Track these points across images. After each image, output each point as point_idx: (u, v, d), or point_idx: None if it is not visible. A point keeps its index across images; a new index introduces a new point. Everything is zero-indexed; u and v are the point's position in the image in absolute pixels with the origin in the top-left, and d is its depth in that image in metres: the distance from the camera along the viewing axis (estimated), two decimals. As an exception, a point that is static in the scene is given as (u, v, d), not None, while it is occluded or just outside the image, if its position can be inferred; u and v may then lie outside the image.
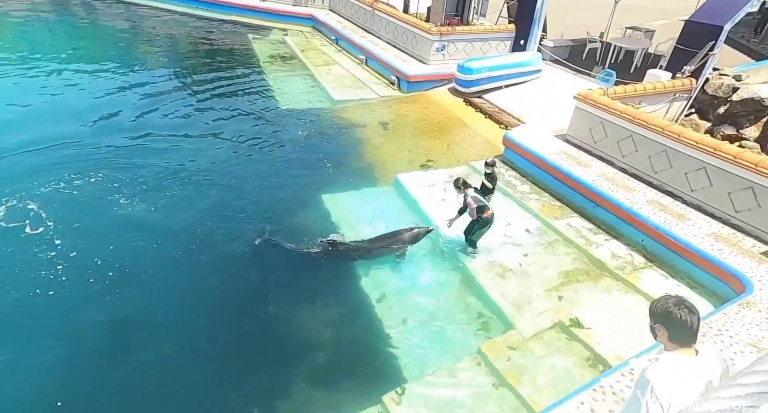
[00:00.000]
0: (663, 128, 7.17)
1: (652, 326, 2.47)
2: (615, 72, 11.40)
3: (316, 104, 12.35)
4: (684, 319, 2.32)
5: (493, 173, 7.29)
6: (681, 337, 2.36)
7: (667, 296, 2.46)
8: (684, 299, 2.42)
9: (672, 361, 2.36)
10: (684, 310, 2.34)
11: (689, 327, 2.33)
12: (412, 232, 6.82)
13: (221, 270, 6.47)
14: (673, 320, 2.35)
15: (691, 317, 2.33)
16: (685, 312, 2.33)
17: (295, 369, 5.22)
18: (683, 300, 2.40)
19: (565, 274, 6.40)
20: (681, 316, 2.32)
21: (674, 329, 2.37)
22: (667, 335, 2.40)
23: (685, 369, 2.30)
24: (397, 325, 5.71)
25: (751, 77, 10.20)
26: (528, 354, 5.14)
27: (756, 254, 5.88)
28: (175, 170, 8.67)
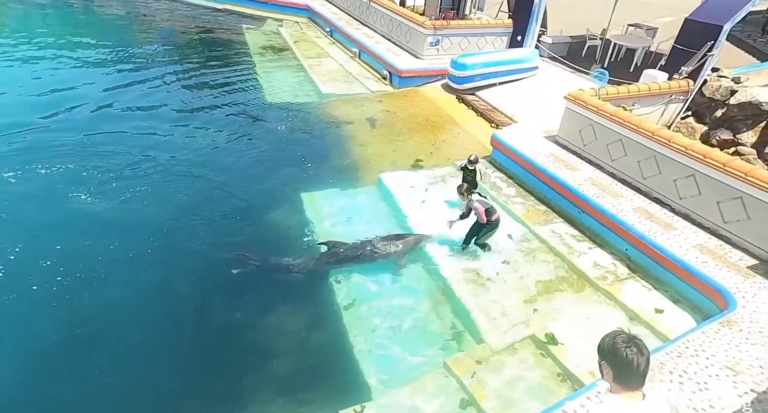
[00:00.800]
0: (653, 133, 6.87)
1: (599, 362, 2.24)
2: (608, 71, 11.06)
3: (303, 97, 12.05)
4: (630, 359, 2.08)
5: (476, 170, 7.20)
6: (626, 378, 2.14)
7: (616, 332, 2.21)
8: (634, 337, 2.17)
9: (614, 406, 2.14)
10: (632, 349, 2.09)
11: (635, 368, 2.09)
12: (415, 237, 6.71)
13: (186, 272, 6.25)
14: (618, 359, 2.11)
15: (638, 357, 2.08)
16: (632, 350, 2.09)
17: (256, 378, 5.04)
18: (633, 338, 2.16)
19: (545, 284, 6.15)
20: (627, 355, 2.08)
21: (619, 369, 2.13)
22: (612, 375, 2.17)
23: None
24: (364, 334, 5.49)
25: (752, 79, 9.86)
26: (497, 368, 4.91)
27: (742, 269, 5.62)
28: (145, 161, 8.39)
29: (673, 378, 4.14)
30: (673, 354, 4.40)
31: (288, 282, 6.24)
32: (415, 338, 5.45)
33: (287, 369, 5.13)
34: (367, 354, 5.26)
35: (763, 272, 5.56)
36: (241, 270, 6.24)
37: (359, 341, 5.40)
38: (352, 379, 4.97)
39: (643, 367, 2.10)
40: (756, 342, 4.56)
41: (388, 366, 5.10)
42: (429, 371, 5.00)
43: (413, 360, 5.18)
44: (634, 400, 2.13)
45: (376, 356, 5.22)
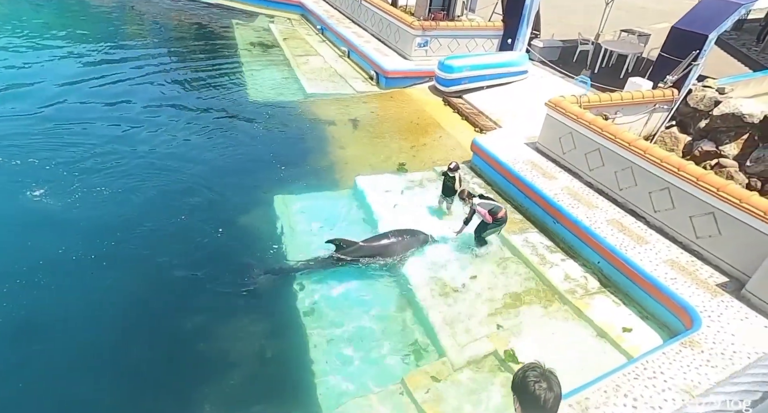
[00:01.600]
0: (629, 143, 6.74)
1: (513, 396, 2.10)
2: (589, 78, 10.94)
3: (287, 96, 11.87)
4: (538, 395, 1.94)
5: (456, 177, 7.21)
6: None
7: (531, 365, 2.05)
8: (549, 372, 2.03)
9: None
10: (541, 385, 1.95)
11: (542, 404, 1.95)
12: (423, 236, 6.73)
13: (141, 276, 6.05)
14: (526, 394, 1.97)
15: (546, 394, 1.94)
16: (541, 386, 1.95)
17: (205, 388, 4.89)
18: (547, 373, 2.01)
19: (513, 296, 6.02)
20: (535, 391, 1.95)
21: (526, 404, 2.00)
22: (520, 410, 2.04)
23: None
24: (323, 344, 5.36)
25: (739, 90, 9.74)
26: (454, 385, 4.79)
27: (711, 286, 5.50)
28: (107, 155, 8.18)
29: (627, 401, 4.02)
30: (630, 376, 4.28)
31: (250, 288, 6.07)
32: (375, 350, 5.32)
33: (239, 380, 4.98)
34: (323, 365, 5.13)
35: (732, 290, 5.45)
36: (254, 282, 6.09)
37: (317, 351, 5.26)
38: (304, 393, 4.83)
39: (551, 405, 1.95)
40: (716, 364, 4.44)
41: (344, 379, 4.97)
42: (385, 386, 4.86)
43: (370, 374, 5.04)
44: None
45: (333, 368, 5.09)
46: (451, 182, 7.37)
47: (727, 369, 4.39)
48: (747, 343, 4.71)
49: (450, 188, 7.41)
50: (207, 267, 6.29)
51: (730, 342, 4.71)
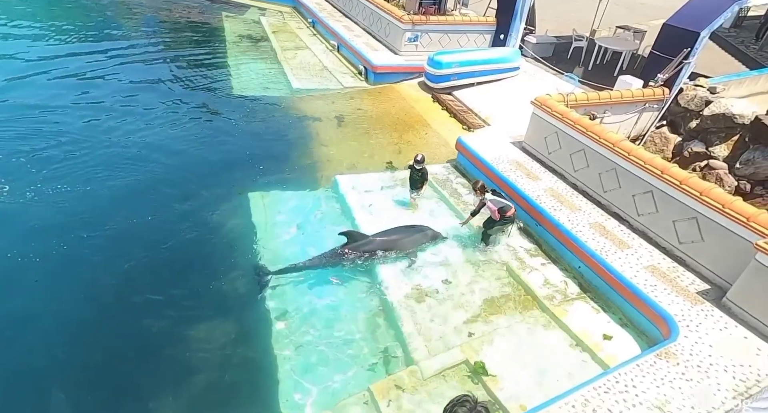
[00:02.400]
0: (614, 144, 6.54)
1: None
2: (576, 76, 10.70)
3: (272, 91, 11.63)
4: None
5: (423, 170, 7.20)
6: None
7: (462, 399, 1.95)
8: (480, 406, 1.92)
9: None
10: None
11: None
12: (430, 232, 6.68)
13: (105, 276, 5.85)
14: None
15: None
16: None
17: (167, 396, 4.71)
18: (478, 408, 1.91)
19: (489, 302, 5.84)
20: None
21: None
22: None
23: None
24: (290, 350, 5.18)
25: (732, 89, 9.52)
26: (421, 396, 4.61)
27: (692, 294, 5.32)
28: (76, 147, 7.93)
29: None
30: (601, 390, 4.11)
31: (220, 290, 5.89)
32: (344, 358, 5.14)
33: (201, 387, 4.82)
34: (290, 372, 4.95)
35: (713, 298, 5.27)
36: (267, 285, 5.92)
37: (284, 358, 5.08)
38: (269, 401, 4.65)
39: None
40: (692, 378, 4.27)
41: (310, 387, 4.79)
42: (351, 395, 4.69)
43: (337, 383, 4.87)
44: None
45: (299, 375, 4.91)
46: (417, 175, 7.32)
47: (702, 382, 4.22)
48: (725, 355, 4.54)
49: (417, 180, 7.37)
50: (175, 268, 6.12)
51: (707, 354, 4.54)
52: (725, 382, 4.23)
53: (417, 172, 7.23)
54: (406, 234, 6.51)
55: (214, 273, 6.10)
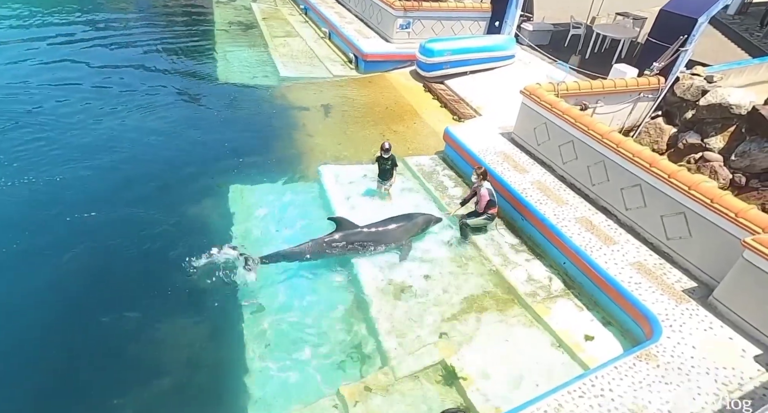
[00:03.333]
0: (602, 135, 6.29)
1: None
2: (567, 64, 10.38)
3: (259, 80, 11.36)
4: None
5: (391, 158, 7.01)
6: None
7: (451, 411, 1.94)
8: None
9: None
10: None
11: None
12: (423, 217, 6.57)
13: (73, 271, 5.67)
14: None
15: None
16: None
17: (130, 395, 4.55)
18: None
19: (469, 300, 5.66)
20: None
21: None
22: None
23: None
24: (260, 349, 5.02)
25: (732, 78, 9.22)
26: (393, 398, 4.46)
27: (677, 292, 5.13)
28: (45, 133, 7.68)
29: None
30: (576, 394, 3.94)
31: (193, 286, 5.71)
32: (317, 358, 4.97)
33: (168, 386, 4.66)
34: (258, 373, 4.80)
35: (699, 297, 5.08)
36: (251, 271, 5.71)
37: (252, 358, 4.93)
38: (234, 404, 4.50)
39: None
40: (671, 381, 4.10)
41: (279, 388, 4.64)
42: (321, 397, 4.54)
43: (308, 383, 4.71)
44: None
45: (269, 376, 4.76)
46: (385, 165, 7.08)
47: (682, 386, 4.05)
48: (708, 357, 4.36)
49: (387, 170, 7.12)
50: (147, 264, 5.93)
51: (689, 356, 4.36)
52: (706, 386, 4.06)
53: (386, 161, 6.98)
54: (396, 225, 6.31)
55: (187, 269, 5.91)
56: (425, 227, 6.62)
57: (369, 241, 6.12)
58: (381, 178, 7.26)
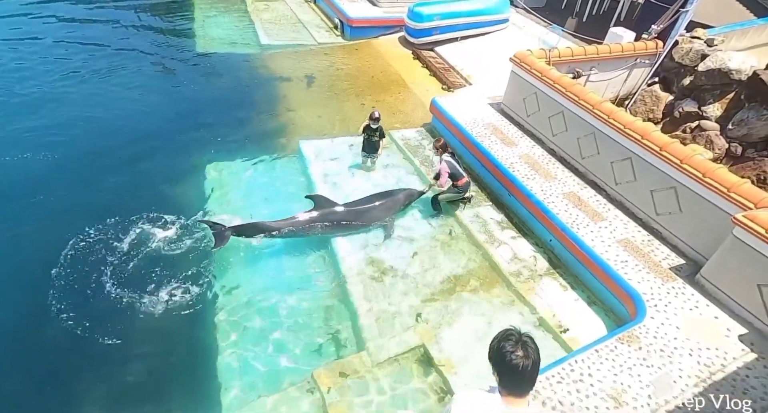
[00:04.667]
0: (593, 106, 5.97)
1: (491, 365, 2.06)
2: (560, 27, 9.85)
3: (239, 48, 10.81)
4: (515, 364, 1.91)
5: (380, 129, 6.67)
6: (509, 383, 1.98)
7: (507, 333, 1.99)
8: (524, 337, 1.98)
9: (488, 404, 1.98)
10: (517, 353, 1.91)
11: (519, 373, 1.92)
12: (404, 192, 6.31)
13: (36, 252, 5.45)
14: (503, 363, 1.94)
15: (524, 362, 1.90)
16: (518, 355, 1.91)
17: (97, 384, 4.41)
18: (522, 339, 1.96)
19: (452, 280, 5.50)
20: (512, 360, 1.91)
21: (503, 373, 1.97)
22: (498, 379, 2.00)
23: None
24: (236, 332, 4.89)
25: (734, 41, 8.75)
26: (368, 382, 4.36)
27: (664, 270, 4.97)
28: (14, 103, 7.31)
29: (545, 410, 3.60)
30: (554, 380, 3.84)
31: (165, 267, 5.50)
32: (293, 341, 4.85)
33: (136, 374, 4.51)
34: (232, 356, 4.67)
35: (687, 274, 4.93)
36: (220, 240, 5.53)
37: (226, 341, 4.79)
38: (208, 388, 4.40)
39: (528, 372, 1.92)
40: (653, 364, 3.99)
41: (253, 374, 4.53)
42: (297, 381, 4.44)
43: (283, 367, 4.62)
44: (518, 407, 1.98)
45: (244, 359, 4.64)
46: (375, 135, 6.72)
47: (663, 368, 3.95)
48: (692, 337, 4.25)
49: (374, 142, 6.77)
50: (117, 245, 5.69)
51: (672, 336, 4.25)
52: (688, 368, 3.96)
53: (374, 132, 6.62)
54: (377, 203, 6.06)
55: (158, 251, 5.70)
56: (408, 203, 6.38)
57: (348, 220, 5.90)
58: (366, 151, 6.93)
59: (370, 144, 6.81)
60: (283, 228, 5.70)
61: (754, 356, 4.13)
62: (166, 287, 5.29)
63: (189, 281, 5.38)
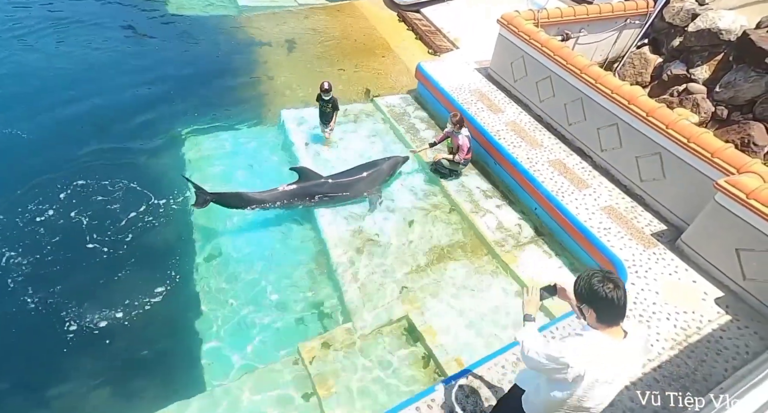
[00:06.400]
0: (581, 70, 5.83)
1: (579, 306, 2.26)
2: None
3: (215, 9, 10.27)
4: (611, 297, 2.08)
5: (333, 99, 6.42)
6: (608, 317, 2.14)
7: (590, 273, 2.19)
8: (608, 273, 2.17)
9: (596, 340, 2.12)
10: (608, 286, 2.09)
11: (616, 304, 2.09)
12: (388, 161, 6.13)
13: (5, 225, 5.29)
14: (599, 299, 2.11)
15: (617, 293, 2.08)
16: (609, 287, 2.09)
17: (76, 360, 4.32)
18: (607, 275, 2.15)
19: (436, 250, 5.51)
20: (607, 294, 2.08)
21: (601, 309, 2.13)
22: (595, 316, 2.15)
23: (607, 352, 2.11)
24: (217, 305, 4.84)
25: None
26: (353, 354, 4.42)
27: (646, 236, 5.03)
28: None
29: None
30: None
31: (143, 242, 5.39)
32: (278, 315, 4.85)
33: (114, 351, 4.42)
34: (216, 331, 4.66)
35: (668, 240, 4.99)
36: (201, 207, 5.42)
37: (209, 314, 4.77)
38: (190, 366, 4.36)
39: (623, 300, 2.10)
40: (631, 329, 4.09)
41: (238, 347, 4.53)
42: (281, 356, 4.46)
43: (267, 341, 4.62)
44: (616, 337, 2.14)
45: (226, 334, 4.63)
46: (328, 107, 6.49)
47: (642, 333, 4.05)
48: (670, 302, 4.35)
49: (328, 113, 6.55)
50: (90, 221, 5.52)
51: (651, 302, 4.34)
52: (665, 332, 4.07)
53: (326, 103, 6.40)
54: (363, 174, 5.92)
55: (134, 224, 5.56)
56: (393, 171, 6.28)
57: (334, 192, 5.81)
58: (323, 122, 6.71)
59: (324, 115, 6.59)
60: (266, 200, 5.60)
61: (728, 318, 4.26)
62: (145, 261, 5.21)
63: (169, 255, 5.29)
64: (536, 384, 2.44)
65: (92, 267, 5.06)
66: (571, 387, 2.14)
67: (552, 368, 2.17)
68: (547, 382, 2.29)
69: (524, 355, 2.33)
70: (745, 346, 4.00)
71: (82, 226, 5.46)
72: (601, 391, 2.15)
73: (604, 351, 2.10)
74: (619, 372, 2.15)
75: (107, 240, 5.37)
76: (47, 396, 4.12)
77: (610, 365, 2.11)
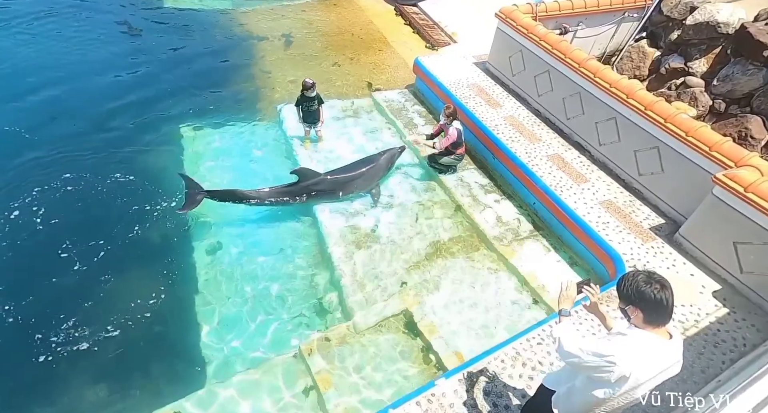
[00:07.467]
0: (579, 64, 5.81)
1: (623, 308, 2.20)
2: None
3: (210, 3, 10.20)
4: (659, 298, 2.05)
5: (316, 97, 6.26)
6: (656, 317, 2.10)
7: (634, 273, 2.15)
8: (653, 273, 2.13)
9: (643, 339, 2.08)
10: (656, 287, 2.06)
11: (665, 305, 2.06)
12: (384, 155, 6.08)
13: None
14: (647, 300, 2.06)
15: (664, 293, 2.05)
16: (656, 288, 2.06)
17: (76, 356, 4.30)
18: (652, 275, 2.12)
19: (436, 245, 5.50)
20: (655, 295, 2.05)
21: (649, 310, 2.08)
22: (642, 317, 2.11)
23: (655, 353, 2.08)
24: (219, 304, 4.85)
25: (725, -9, 8.49)
26: (353, 349, 4.42)
27: (644, 230, 5.04)
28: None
29: (525, 371, 3.71)
30: (534, 341, 3.94)
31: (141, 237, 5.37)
32: (278, 310, 4.85)
33: (114, 347, 4.40)
34: (216, 328, 4.65)
35: (666, 234, 5.01)
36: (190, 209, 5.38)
37: (209, 310, 4.77)
38: (188, 364, 4.35)
39: (671, 301, 2.06)
40: (629, 322, 4.11)
41: (238, 345, 4.51)
42: (282, 353, 4.45)
43: (270, 340, 4.62)
44: (662, 337, 2.10)
45: (226, 331, 4.63)
46: (313, 106, 6.27)
47: (640, 326, 4.08)
48: (668, 295, 4.37)
49: (314, 112, 6.33)
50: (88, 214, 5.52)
51: (650, 295, 4.35)
52: (663, 325, 4.10)
53: (311, 101, 6.19)
54: (362, 169, 5.86)
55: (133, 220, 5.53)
56: (391, 164, 6.23)
57: (333, 190, 5.78)
58: (308, 122, 6.45)
59: (309, 115, 6.34)
60: (263, 198, 5.58)
61: (726, 311, 4.29)
62: (143, 258, 5.20)
63: (166, 252, 5.29)
64: (571, 384, 2.38)
65: (89, 266, 5.04)
66: (613, 386, 2.10)
67: (596, 366, 2.10)
68: (586, 381, 2.23)
69: (562, 351, 2.24)
70: (743, 339, 4.03)
71: (79, 224, 5.43)
72: (641, 391, 2.14)
73: (653, 352, 2.07)
74: (663, 374, 2.12)
75: (104, 238, 5.33)
76: (45, 396, 4.11)
77: (657, 366, 2.08)
